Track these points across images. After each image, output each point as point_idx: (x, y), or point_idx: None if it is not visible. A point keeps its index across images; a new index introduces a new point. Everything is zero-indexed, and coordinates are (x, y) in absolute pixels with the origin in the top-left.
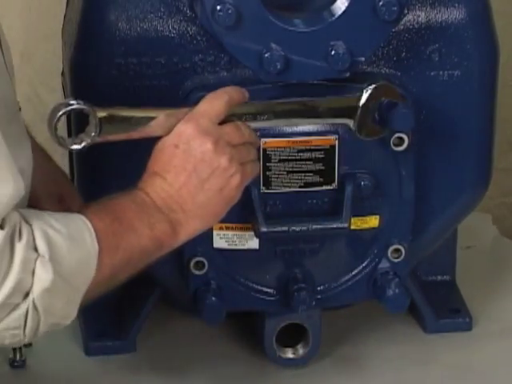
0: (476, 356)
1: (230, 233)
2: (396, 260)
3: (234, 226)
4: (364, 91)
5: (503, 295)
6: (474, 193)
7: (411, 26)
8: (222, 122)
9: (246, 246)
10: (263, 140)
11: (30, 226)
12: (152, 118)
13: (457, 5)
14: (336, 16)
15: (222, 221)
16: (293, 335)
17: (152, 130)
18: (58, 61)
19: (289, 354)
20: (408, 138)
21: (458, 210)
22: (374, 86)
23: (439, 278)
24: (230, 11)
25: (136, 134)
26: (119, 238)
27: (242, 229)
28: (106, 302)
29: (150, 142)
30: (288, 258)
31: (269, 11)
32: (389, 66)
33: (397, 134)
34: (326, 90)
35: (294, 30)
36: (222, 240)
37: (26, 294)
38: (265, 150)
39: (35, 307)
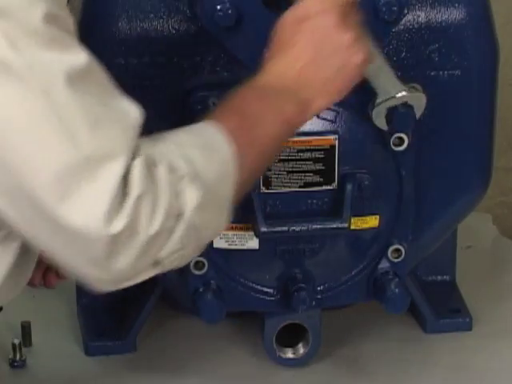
0: (476, 356)
1: (229, 233)
2: (396, 260)
3: (233, 225)
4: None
5: (503, 295)
6: (474, 193)
7: (411, 26)
8: None
9: (246, 246)
10: None
11: (161, 149)
12: None
13: (457, 5)
14: None
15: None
16: (293, 335)
17: None
18: None
19: (289, 354)
20: (408, 137)
21: (458, 210)
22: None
23: (439, 277)
24: (229, 11)
25: None
26: (251, 133)
27: (241, 229)
28: (106, 301)
29: None
30: (288, 257)
31: (269, 11)
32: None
33: (397, 134)
34: None
35: None
36: (221, 240)
37: (179, 216)
38: None
39: (190, 225)
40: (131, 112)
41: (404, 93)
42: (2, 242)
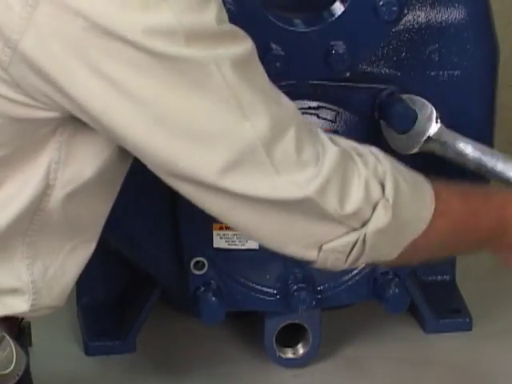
0: (476, 356)
1: (229, 233)
2: None
3: None
4: None
5: (503, 295)
6: None
7: (411, 26)
8: None
9: (246, 246)
10: None
11: (384, 166)
12: None
13: (457, 5)
14: (336, 16)
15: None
16: (293, 335)
17: None
18: None
19: (289, 354)
20: None
21: None
22: None
23: (439, 277)
24: (230, 11)
25: None
26: (457, 211)
27: None
28: (106, 302)
29: None
30: (288, 257)
31: (269, 11)
32: (389, 66)
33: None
34: (326, 90)
35: (294, 30)
36: (221, 240)
37: (363, 224)
38: None
39: (364, 240)
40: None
41: None
42: None
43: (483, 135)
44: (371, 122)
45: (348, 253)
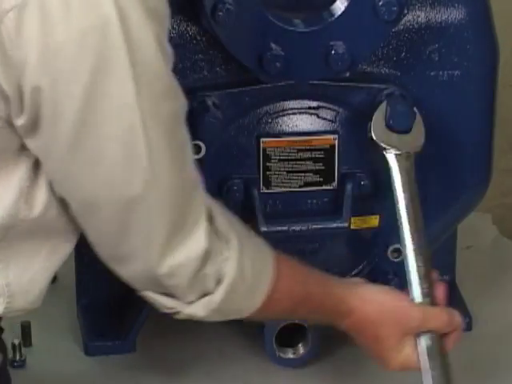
0: (476, 356)
1: None
2: (396, 260)
3: None
4: None
5: (503, 295)
6: (474, 193)
7: (411, 26)
8: None
9: None
10: (263, 140)
11: (229, 260)
12: None
13: (457, 5)
14: (336, 16)
15: None
16: (293, 335)
17: None
18: None
19: (289, 354)
20: None
21: (458, 210)
22: None
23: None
24: (229, 11)
25: None
26: (296, 287)
27: None
28: (106, 301)
29: None
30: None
31: (269, 11)
32: (389, 66)
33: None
34: (326, 90)
35: (294, 30)
36: None
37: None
38: (264, 150)
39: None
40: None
41: None
42: None
43: (483, 135)
44: (371, 121)
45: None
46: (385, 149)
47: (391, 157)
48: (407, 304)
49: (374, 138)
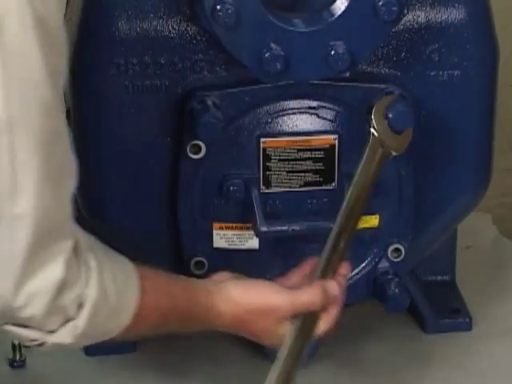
0: (476, 356)
1: (229, 232)
2: (396, 260)
3: (233, 225)
4: None
5: (503, 295)
6: (474, 193)
7: (411, 26)
8: None
9: (246, 246)
10: (263, 140)
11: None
12: None
13: (457, 5)
14: (336, 16)
15: (222, 220)
16: None
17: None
18: None
19: None
20: None
21: (458, 210)
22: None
23: (439, 277)
24: (229, 11)
25: None
26: (161, 301)
27: (242, 228)
28: None
29: None
30: (288, 257)
31: (269, 11)
32: (389, 66)
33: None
34: (326, 90)
35: (294, 30)
36: (221, 240)
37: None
38: (264, 150)
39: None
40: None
41: None
42: None
43: (483, 135)
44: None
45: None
46: (373, 135)
47: (375, 143)
48: (273, 296)
49: (374, 126)
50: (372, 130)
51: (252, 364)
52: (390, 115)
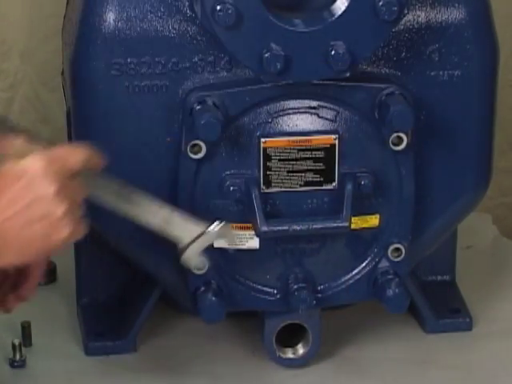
0: (476, 356)
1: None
2: (396, 259)
3: (234, 225)
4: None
5: (503, 295)
6: (474, 193)
7: (411, 26)
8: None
9: (247, 246)
10: (263, 139)
11: None
12: None
13: (457, 5)
14: (336, 16)
15: (223, 220)
16: (293, 335)
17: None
18: (58, 61)
19: (289, 354)
20: (407, 137)
21: (458, 210)
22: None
23: (439, 277)
24: (229, 11)
25: None
26: None
27: (242, 228)
28: (106, 301)
29: None
30: (288, 257)
31: (269, 11)
32: (389, 66)
33: (396, 134)
34: (326, 90)
35: (294, 30)
36: (222, 240)
37: None
38: (265, 150)
39: None
40: None
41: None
42: None
43: (483, 135)
44: (371, 121)
45: None
46: None
47: None
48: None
49: None
50: None
51: (252, 364)
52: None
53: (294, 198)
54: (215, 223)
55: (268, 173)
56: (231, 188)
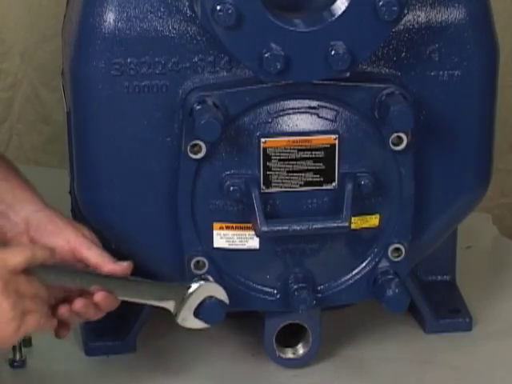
0: (476, 356)
1: (230, 232)
2: (396, 259)
3: (234, 225)
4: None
5: (503, 295)
6: (474, 193)
7: (411, 26)
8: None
9: (247, 246)
10: (263, 139)
11: None
12: None
13: (457, 5)
14: (336, 16)
15: (223, 220)
16: (293, 335)
17: None
18: (58, 61)
19: (289, 354)
20: (407, 137)
21: (458, 210)
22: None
23: (439, 277)
24: (230, 11)
25: None
26: None
27: (242, 228)
28: None
29: None
30: (288, 257)
31: (269, 11)
32: (389, 66)
33: (396, 134)
34: (326, 90)
35: (294, 30)
36: (222, 240)
37: None
38: (265, 150)
39: None
40: None
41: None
42: None
43: (483, 135)
44: (371, 121)
45: None
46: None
47: None
48: None
49: None
50: None
51: (252, 364)
52: None
53: (293, 198)
54: (195, 284)
55: (268, 173)
56: (231, 188)
